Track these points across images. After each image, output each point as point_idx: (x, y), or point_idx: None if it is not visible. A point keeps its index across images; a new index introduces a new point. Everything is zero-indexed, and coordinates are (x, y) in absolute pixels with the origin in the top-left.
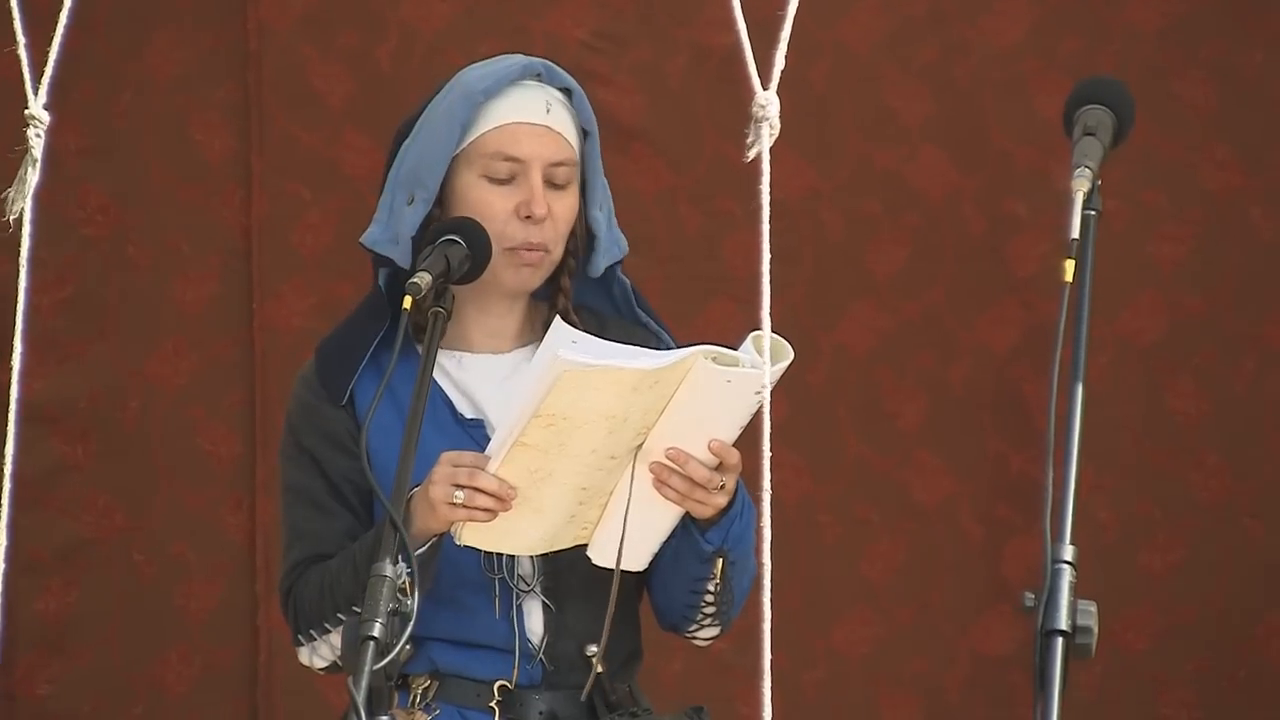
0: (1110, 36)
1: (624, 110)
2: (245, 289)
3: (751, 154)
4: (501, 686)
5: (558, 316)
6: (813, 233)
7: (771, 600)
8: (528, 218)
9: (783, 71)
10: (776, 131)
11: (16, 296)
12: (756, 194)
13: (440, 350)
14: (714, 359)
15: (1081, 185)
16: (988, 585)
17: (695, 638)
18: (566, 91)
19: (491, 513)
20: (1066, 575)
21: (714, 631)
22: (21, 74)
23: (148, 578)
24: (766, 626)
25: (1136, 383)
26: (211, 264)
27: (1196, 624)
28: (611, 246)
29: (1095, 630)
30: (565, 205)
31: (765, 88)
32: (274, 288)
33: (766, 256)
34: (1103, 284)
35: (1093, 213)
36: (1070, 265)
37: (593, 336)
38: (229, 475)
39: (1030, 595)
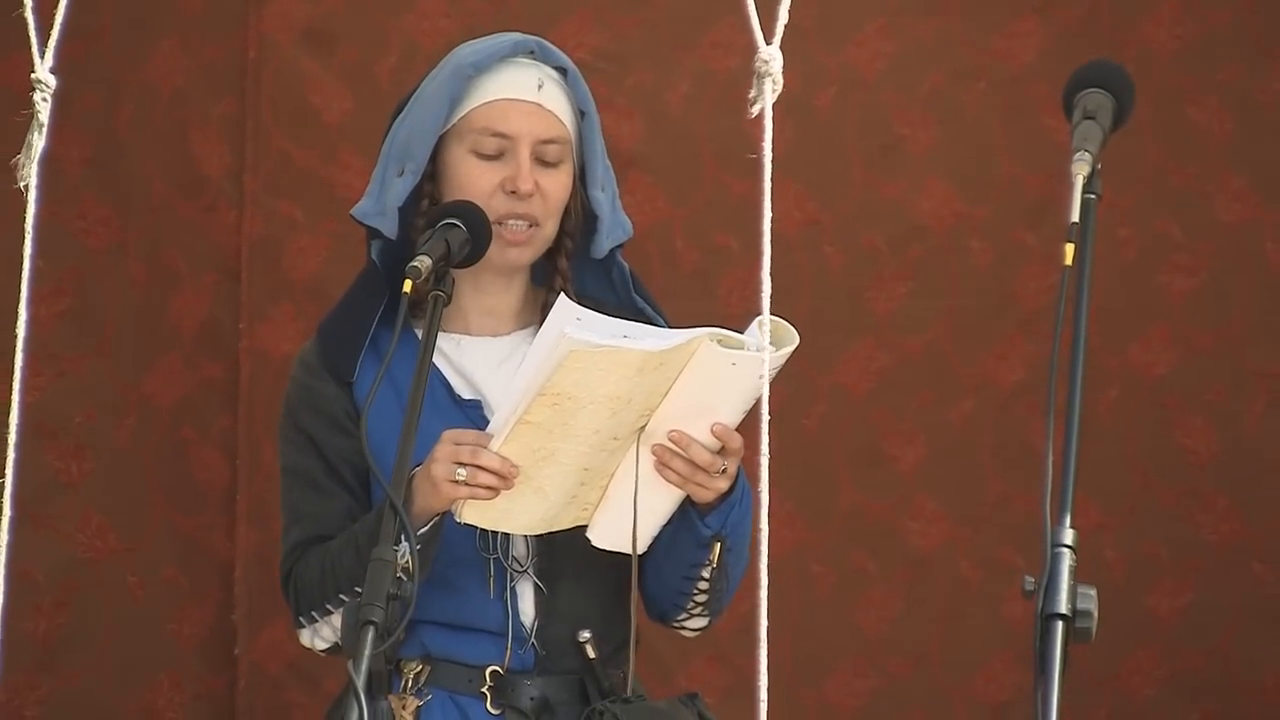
0: (1123, 59)
1: (622, 136)
2: (236, 310)
3: (755, 110)
4: (493, 672)
5: (562, 294)
6: (811, 268)
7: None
8: (513, 193)
9: (788, 100)
10: (779, 88)
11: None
12: (754, 226)
13: (439, 332)
14: (719, 342)
15: (1081, 169)
16: (989, 633)
17: (684, 628)
18: (562, 71)
19: (494, 490)
20: (1066, 559)
21: (703, 622)
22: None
23: (140, 601)
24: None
25: (1145, 418)
26: (206, 283)
27: (1204, 671)
28: (615, 228)
29: (1095, 614)
30: (556, 183)
31: (769, 43)
32: (263, 310)
33: (768, 228)
34: (1112, 315)
35: (1093, 196)
36: (1070, 249)
37: (596, 313)
38: (218, 501)
39: (1030, 579)
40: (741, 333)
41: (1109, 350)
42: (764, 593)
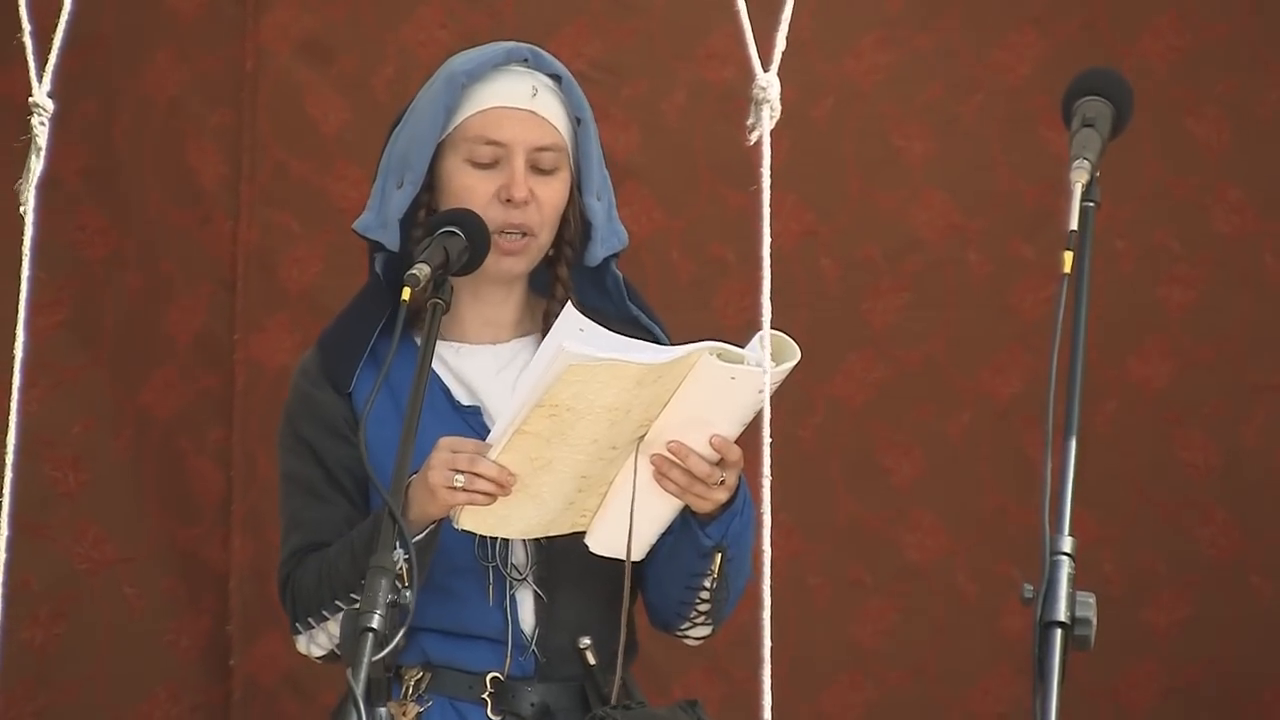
0: (1121, 71)
1: (618, 146)
2: (231, 321)
3: (753, 137)
4: (494, 678)
5: (569, 303)
6: (809, 281)
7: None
8: (508, 201)
9: (785, 111)
10: (777, 114)
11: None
12: (750, 238)
13: (439, 340)
14: (719, 355)
15: (1080, 177)
16: (985, 646)
17: (687, 637)
18: (556, 78)
19: (491, 497)
20: (1065, 567)
21: (705, 631)
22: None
23: (137, 612)
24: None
25: (1143, 431)
26: (202, 293)
27: (1202, 685)
28: (610, 237)
29: (1094, 622)
30: (552, 191)
31: (766, 70)
32: (258, 321)
33: (767, 241)
34: (1110, 327)
35: (1091, 204)
36: (1069, 257)
37: (600, 327)
38: (213, 512)
39: (1029, 587)
40: (743, 346)
41: (1107, 363)
42: (767, 612)
